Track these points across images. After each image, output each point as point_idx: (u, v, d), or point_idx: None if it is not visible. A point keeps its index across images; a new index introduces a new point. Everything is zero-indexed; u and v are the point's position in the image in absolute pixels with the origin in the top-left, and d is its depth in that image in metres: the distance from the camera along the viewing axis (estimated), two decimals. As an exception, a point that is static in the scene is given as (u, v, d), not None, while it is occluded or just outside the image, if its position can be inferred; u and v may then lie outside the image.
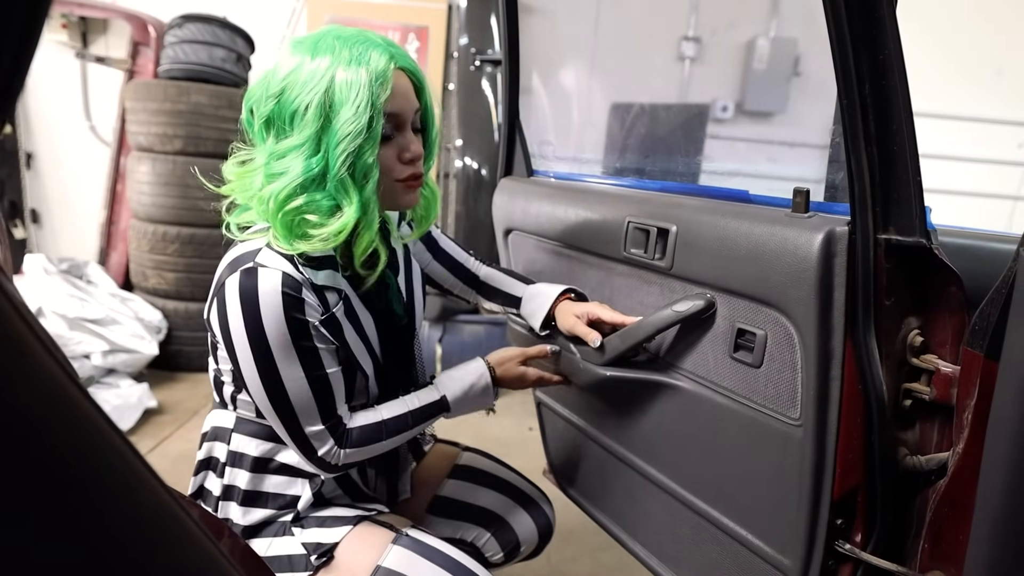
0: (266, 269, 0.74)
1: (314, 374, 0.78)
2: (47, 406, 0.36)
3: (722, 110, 3.12)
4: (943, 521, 0.73)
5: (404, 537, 0.86)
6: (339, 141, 0.71)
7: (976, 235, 0.96)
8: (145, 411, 2.20)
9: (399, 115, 0.78)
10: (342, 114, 0.71)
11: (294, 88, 0.72)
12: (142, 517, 0.43)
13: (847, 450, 0.75)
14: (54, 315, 2.23)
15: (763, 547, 0.85)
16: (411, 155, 0.79)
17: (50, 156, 3.18)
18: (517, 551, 1.06)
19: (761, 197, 0.88)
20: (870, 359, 0.73)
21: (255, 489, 0.88)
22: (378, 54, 0.74)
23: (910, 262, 0.72)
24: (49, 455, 0.36)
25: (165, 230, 2.56)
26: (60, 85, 3.09)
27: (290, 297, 0.74)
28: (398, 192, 0.81)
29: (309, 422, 0.79)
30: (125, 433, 0.96)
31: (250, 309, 0.73)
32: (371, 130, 0.73)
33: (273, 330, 0.74)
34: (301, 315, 0.75)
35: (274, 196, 0.73)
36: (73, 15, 2.94)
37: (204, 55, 2.59)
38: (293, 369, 0.76)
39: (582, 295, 1.06)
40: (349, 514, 0.90)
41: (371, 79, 0.72)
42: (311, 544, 0.86)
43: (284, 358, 0.75)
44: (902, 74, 0.66)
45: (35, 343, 0.35)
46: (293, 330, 0.75)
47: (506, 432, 2.39)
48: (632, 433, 1.06)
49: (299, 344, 0.76)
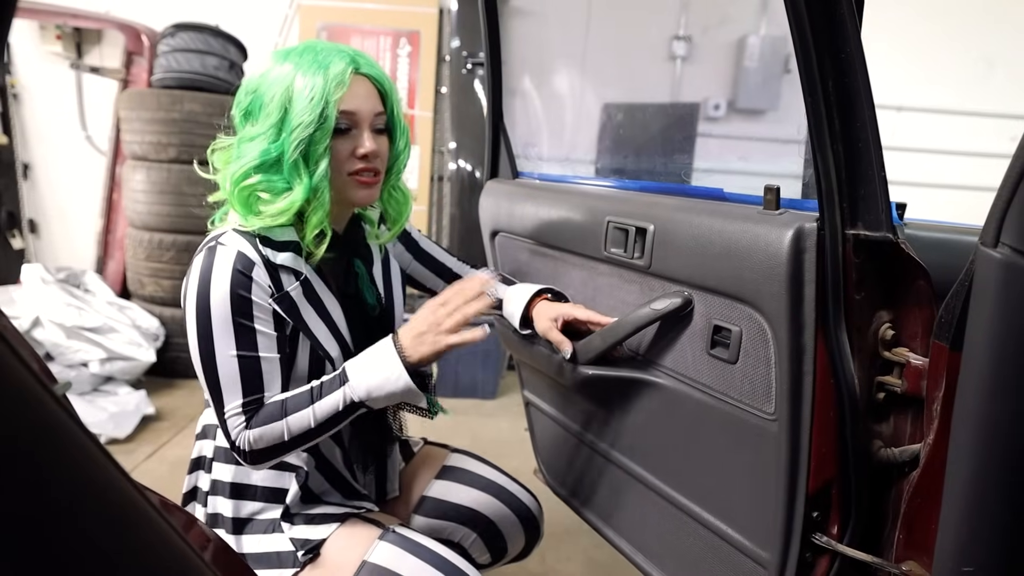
0: (224, 247, 0.81)
1: (246, 354, 0.81)
2: (15, 410, 0.37)
3: (714, 108, 3.13)
4: (916, 512, 0.74)
5: (391, 533, 0.87)
6: (293, 128, 0.80)
7: (951, 229, 0.97)
8: (143, 418, 2.22)
9: (355, 113, 0.84)
10: (297, 105, 0.80)
11: (264, 84, 0.82)
12: (112, 518, 0.44)
13: (821, 444, 0.76)
14: (52, 324, 2.25)
15: (742, 541, 0.86)
16: (363, 151, 0.85)
17: (47, 166, 3.20)
18: (504, 552, 1.06)
19: (736, 195, 0.89)
20: (841, 353, 0.74)
21: (243, 482, 0.90)
22: (339, 60, 0.82)
23: (879, 257, 0.73)
24: (17, 458, 0.37)
25: (161, 238, 2.58)
26: (56, 96, 3.11)
27: (239, 275, 0.80)
28: (349, 186, 0.87)
29: (231, 399, 0.81)
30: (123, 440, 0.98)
31: (203, 282, 0.80)
32: (323, 121, 0.80)
33: (217, 303, 0.80)
34: (247, 294, 0.80)
35: (232, 174, 0.82)
36: (67, 26, 2.96)
37: (197, 63, 2.61)
38: (227, 344, 0.80)
39: (559, 294, 1.08)
40: (338, 511, 0.91)
41: (327, 79, 0.80)
42: (299, 540, 0.87)
43: (221, 332, 0.80)
44: (864, 73, 0.67)
45: (3, 349, 0.36)
46: (235, 307, 0.80)
47: (503, 433, 2.41)
48: (616, 431, 1.08)
49: (237, 321, 0.80)
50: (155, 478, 0.93)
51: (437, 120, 3.14)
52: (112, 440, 2.08)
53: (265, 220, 0.82)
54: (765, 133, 3.10)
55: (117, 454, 2.02)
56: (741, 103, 3.11)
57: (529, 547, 1.10)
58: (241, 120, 0.85)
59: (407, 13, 2.99)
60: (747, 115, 3.13)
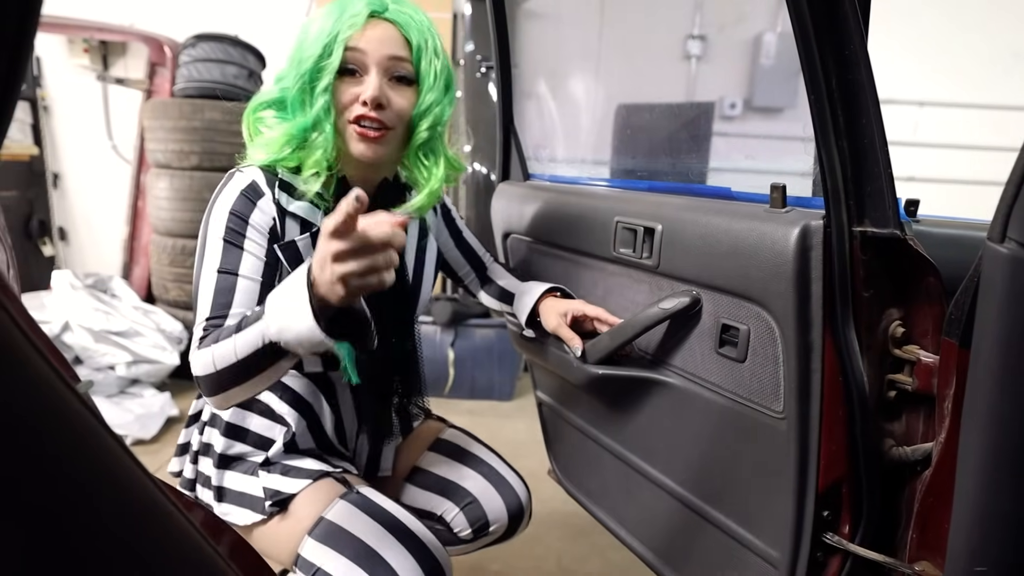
0: (241, 174, 0.83)
1: (225, 270, 0.79)
2: (41, 408, 0.39)
3: (730, 107, 3.11)
4: (929, 511, 0.73)
5: (353, 494, 0.88)
6: (298, 63, 0.81)
7: (965, 224, 0.95)
8: (167, 419, 2.27)
9: (363, 53, 0.81)
10: (308, 39, 0.81)
11: (301, 32, 0.84)
12: (132, 512, 0.46)
13: (830, 442, 0.76)
14: (81, 328, 2.32)
15: (753, 540, 0.86)
16: (366, 97, 0.80)
17: (75, 176, 3.29)
18: (486, 529, 1.05)
19: (743, 194, 0.89)
20: (850, 351, 0.74)
21: (238, 423, 0.93)
22: (360, 2, 0.82)
23: (887, 254, 0.73)
24: (42, 454, 0.39)
25: (184, 243, 2.64)
26: (83, 107, 3.20)
27: (243, 198, 0.81)
28: (350, 136, 0.82)
29: (201, 312, 0.78)
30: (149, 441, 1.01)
31: (212, 200, 0.83)
32: (328, 57, 0.80)
33: (215, 220, 0.81)
34: (244, 215, 0.81)
35: (250, 104, 0.86)
36: (94, 40, 3.05)
37: (217, 73, 2.67)
38: (213, 258, 0.80)
39: (568, 293, 1.08)
40: (313, 467, 0.92)
41: (340, 15, 0.80)
42: (270, 491, 0.89)
43: (212, 246, 0.80)
44: (868, 69, 0.66)
45: (31, 351, 0.38)
46: (229, 225, 0.80)
47: (519, 434, 2.41)
48: (626, 430, 1.08)
49: (227, 240, 0.80)
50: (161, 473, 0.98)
51: (452, 123, 3.16)
52: (138, 441, 2.14)
53: (262, 151, 0.83)
54: (783, 131, 3.07)
55: (143, 455, 2.07)
56: (758, 101, 3.08)
57: (512, 530, 1.09)
58: None
59: (421, 19, 3.02)
60: (764, 113, 3.10)
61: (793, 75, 3.27)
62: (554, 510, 1.82)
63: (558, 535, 1.75)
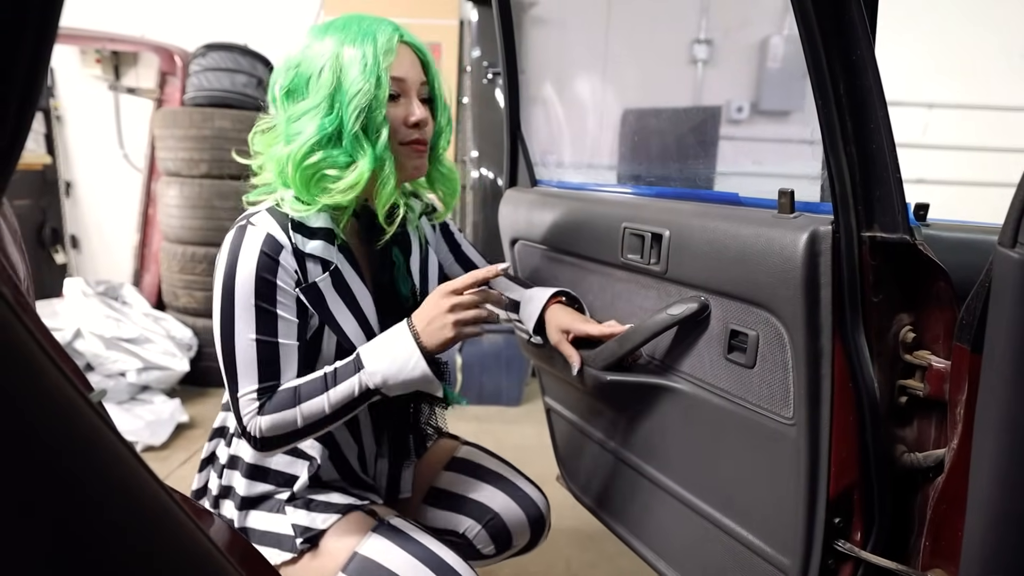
0: (254, 228, 0.82)
1: (265, 338, 0.80)
2: (54, 417, 0.40)
3: (737, 111, 3.10)
4: (942, 518, 0.72)
5: (383, 526, 0.88)
6: (351, 99, 0.79)
7: (976, 228, 0.95)
8: (177, 425, 2.28)
9: (404, 80, 0.84)
10: (351, 74, 0.79)
11: (309, 59, 0.81)
12: (143, 520, 0.46)
13: (841, 448, 0.75)
14: (92, 335, 2.34)
15: (764, 547, 0.85)
16: (416, 118, 0.84)
17: (87, 184, 3.33)
18: (509, 544, 1.06)
19: (751, 199, 0.89)
20: (860, 356, 0.73)
21: (261, 464, 0.92)
22: (385, 28, 0.83)
23: (896, 259, 0.72)
24: (55, 462, 0.39)
25: (194, 251, 2.67)
26: (95, 116, 3.24)
27: (266, 258, 0.80)
28: (405, 156, 0.86)
29: (246, 383, 0.80)
30: (159, 447, 1.02)
31: (230, 262, 0.80)
32: (379, 89, 0.80)
33: (241, 284, 0.80)
34: (272, 277, 0.80)
35: (292, 155, 0.80)
36: (106, 50, 3.09)
37: (227, 82, 2.69)
38: (247, 327, 0.80)
39: (574, 298, 1.08)
40: (341, 502, 0.92)
41: (377, 46, 0.80)
42: (300, 527, 0.88)
43: (243, 314, 0.80)
44: (876, 74, 0.66)
45: (45, 361, 0.39)
46: (259, 289, 0.80)
47: (527, 440, 2.41)
48: (635, 436, 1.07)
49: (260, 305, 0.80)
50: (189, 484, 0.97)
51: (459, 130, 3.17)
52: (148, 447, 2.15)
53: (335, 197, 0.81)
54: (790, 134, 3.06)
55: (153, 461, 2.09)
56: (765, 105, 3.07)
57: (534, 541, 1.10)
58: (284, 99, 0.84)
59: (428, 26, 3.04)
60: (771, 116, 3.09)
61: (800, 78, 3.26)
62: (562, 516, 1.81)
63: (567, 541, 1.75)
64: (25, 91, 0.34)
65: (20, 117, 0.35)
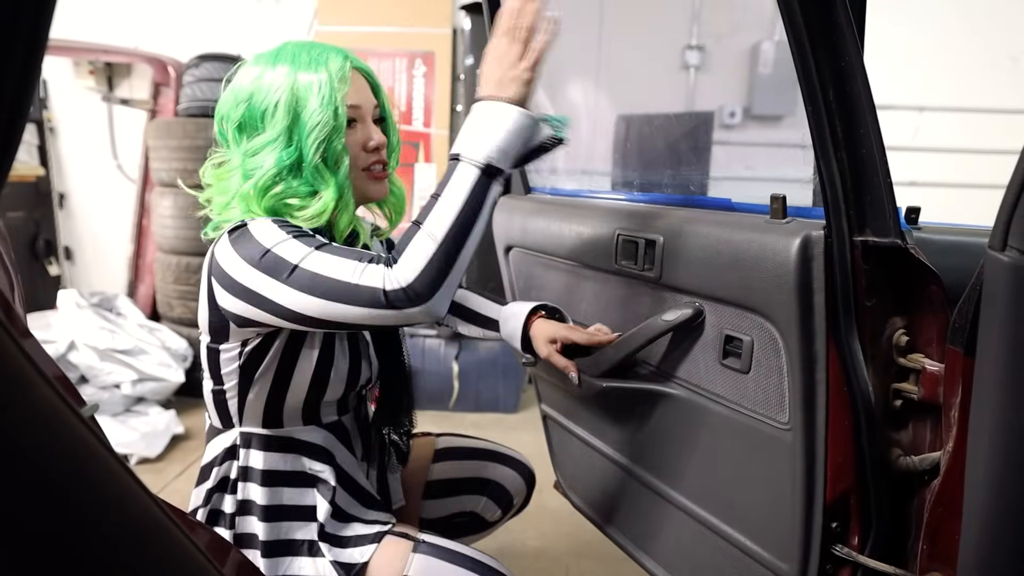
0: (253, 221, 0.80)
1: (320, 245, 0.76)
2: (45, 432, 0.40)
3: (730, 116, 3.12)
4: (939, 521, 0.72)
5: (422, 544, 0.89)
6: (310, 131, 0.79)
7: (968, 231, 0.95)
8: (173, 437, 2.27)
9: (359, 107, 0.85)
10: (309, 107, 0.79)
11: (261, 92, 0.80)
12: (135, 535, 0.46)
13: (837, 452, 0.75)
14: (86, 347, 2.33)
15: (762, 553, 0.85)
16: (374, 143, 0.86)
17: (81, 196, 3.32)
18: (511, 503, 1.15)
19: (743, 204, 0.89)
20: (854, 361, 0.73)
21: (274, 503, 0.89)
22: (335, 56, 0.83)
23: (888, 263, 0.73)
24: (46, 479, 0.39)
25: (188, 261, 2.66)
26: (89, 128, 3.24)
27: (279, 220, 0.80)
28: (365, 181, 0.87)
29: (351, 274, 0.73)
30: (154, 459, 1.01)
31: (243, 241, 0.77)
32: (337, 119, 0.80)
33: (270, 239, 0.76)
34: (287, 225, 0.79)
35: (255, 187, 0.80)
36: (99, 61, 3.09)
37: (220, 92, 2.70)
38: (302, 250, 0.75)
39: (554, 309, 1.07)
40: (370, 531, 0.91)
41: (331, 76, 0.80)
42: (344, 564, 0.87)
43: (290, 249, 0.75)
44: (864, 79, 0.67)
45: (35, 376, 0.39)
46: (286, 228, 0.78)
47: (525, 447, 2.39)
48: (632, 443, 1.07)
49: (296, 234, 0.77)
50: (185, 496, 0.96)
51: (453, 138, 3.18)
52: (144, 459, 2.13)
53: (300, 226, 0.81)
54: (783, 138, 3.08)
55: (149, 473, 2.07)
56: (757, 109, 3.09)
57: (529, 493, 1.21)
58: (236, 133, 0.83)
59: (422, 35, 3.06)
60: (764, 121, 3.11)
61: (792, 83, 3.28)
62: (561, 523, 1.81)
63: (565, 548, 1.74)
64: (15, 102, 0.34)
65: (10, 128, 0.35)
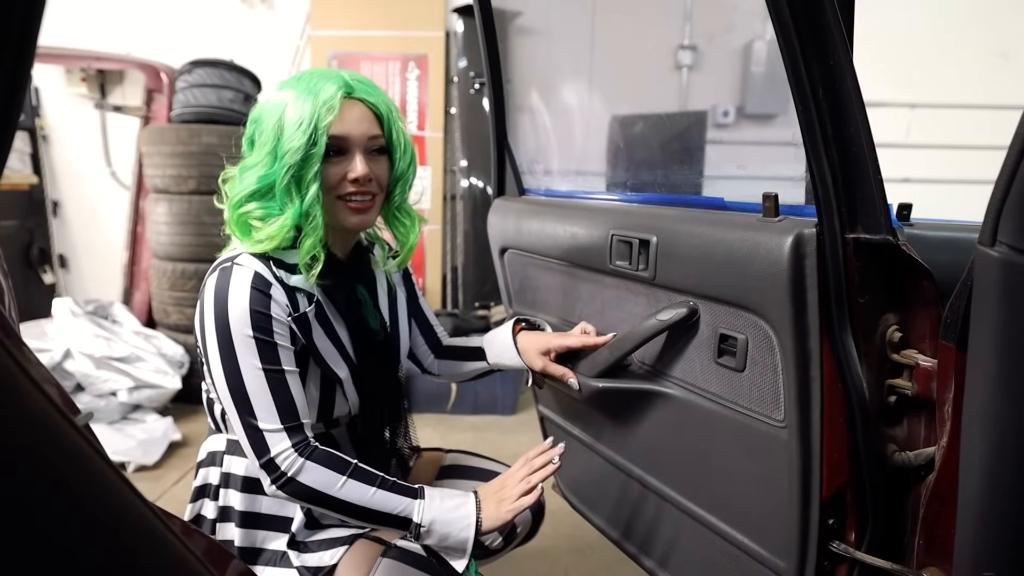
0: (241, 267, 0.83)
1: (271, 368, 0.81)
2: (38, 442, 0.39)
3: (723, 115, 3.13)
4: (935, 516, 0.73)
5: (393, 549, 0.88)
6: (283, 155, 0.81)
7: (959, 227, 0.96)
8: (170, 444, 2.26)
9: (345, 138, 0.85)
10: (288, 131, 0.81)
11: (263, 114, 0.84)
12: (131, 542, 0.46)
13: (832, 449, 0.75)
14: (82, 355, 2.32)
15: (759, 550, 0.85)
16: (354, 175, 0.85)
17: (75, 203, 3.32)
18: (514, 533, 1.09)
19: (736, 203, 0.89)
20: (848, 357, 0.74)
21: (251, 510, 0.91)
22: (330, 85, 0.83)
23: (880, 259, 0.73)
24: (40, 489, 0.39)
25: (183, 267, 2.65)
26: (82, 135, 3.23)
27: (257, 292, 0.82)
28: (340, 210, 0.87)
29: (265, 419, 0.81)
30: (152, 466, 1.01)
31: (220, 301, 0.81)
32: (314, 147, 0.81)
33: (237, 320, 0.80)
34: (266, 311, 0.82)
35: (231, 201, 0.85)
36: (91, 68, 3.09)
37: (213, 97, 2.69)
38: (251, 359, 0.80)
39: (532, 324, 1.10)
40: (344, 534, 0.92)
41: (317, 104, 0.81)
42: (310, 568, 0.88)
43: (244, 348, 0.80)
44: (853, 78, 0.67)
45: (28, 385, 0.39)
46: (255, 323, 0.81)
47: (523, 448, 2.39)
48: (629, 443, 1.07)
49: (259, 338, 0.81)
50: (183, 503, 0.96)
51: (447, 140, 3.18)
52: (141, 467, 2.13)
53: (258, 245, 0.83)
54: (776, 137, 3.09)
55: (146, 480, 2.06)
56: (750, 108, 3.10)
57: (535, 527, 1.14)
58: (247, 148, 0.88)
59: (415, 38, 3.06)
60: (757, 120, 3.12)
61: (784, 81, 3.30)
62: (560, 524, 1.81)
63: (565, 549, 1.74)
64: (4, 109, 0.34)
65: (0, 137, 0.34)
